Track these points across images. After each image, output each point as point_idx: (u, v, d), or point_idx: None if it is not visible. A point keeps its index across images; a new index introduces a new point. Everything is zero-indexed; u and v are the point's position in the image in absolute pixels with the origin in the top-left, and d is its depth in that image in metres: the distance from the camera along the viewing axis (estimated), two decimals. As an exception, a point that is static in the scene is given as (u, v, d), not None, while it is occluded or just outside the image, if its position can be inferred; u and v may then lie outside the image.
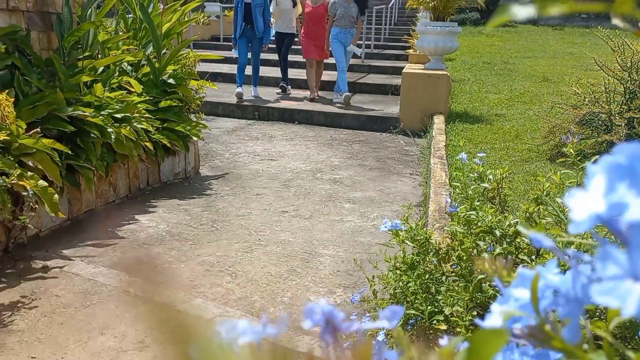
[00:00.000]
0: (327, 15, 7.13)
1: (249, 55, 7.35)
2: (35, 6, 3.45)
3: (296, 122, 6.73)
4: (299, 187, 4.19)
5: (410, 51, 9.53)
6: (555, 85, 7.95)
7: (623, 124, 3.99)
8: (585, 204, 0.20)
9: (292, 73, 8.38)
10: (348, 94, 7.11)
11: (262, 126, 6.55)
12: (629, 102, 4.21)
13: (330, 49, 7.21)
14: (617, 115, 4.10)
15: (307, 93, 7.74)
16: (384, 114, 6.63)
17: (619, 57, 4.26)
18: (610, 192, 0.19)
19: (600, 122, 4.19)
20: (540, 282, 0.31)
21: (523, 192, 3.47)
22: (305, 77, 7.86)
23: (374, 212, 3.69)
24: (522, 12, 0.31)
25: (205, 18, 13.64)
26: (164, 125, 3.95)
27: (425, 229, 1.66)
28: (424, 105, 6.16)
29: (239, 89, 7.29)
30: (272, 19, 7.54)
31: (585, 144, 4.26)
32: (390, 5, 14.75)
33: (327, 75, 8.14)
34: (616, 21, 0.34)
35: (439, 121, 5.70)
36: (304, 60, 7.56)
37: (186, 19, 4.61)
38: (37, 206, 2.72)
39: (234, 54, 7.41)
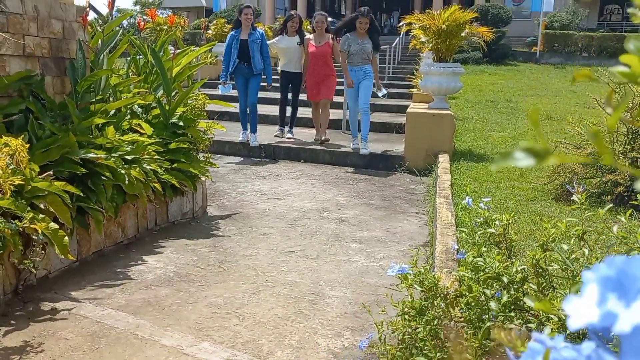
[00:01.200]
0: (333, 53, 7.01)
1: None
2: (50, 52, 3.56)
3: (302, 161, 6.80)
4: (305, 227, 4.21)
5: (414, 90, 9.68)
6: (558, 123, 8.03)
7: (627, 163, 4.02)
8: (581, 311, 0.23)
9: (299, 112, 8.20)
10: (366, 141, 6.59)
11: (269, 164, 6.62)
12: (631, 142, 4.25)
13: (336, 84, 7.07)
14: (620, 154, 4.14)
15: (312, 131, 7.69)
16: (389, 152, 6.70)
17: (620, 97, 4.32)
18: (602, 303, 0.22)
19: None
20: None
21: (529, 232, 3.48)
22: (310, 116, 7.80)
23: (380, 252, 3.70)
24: (524, 162, 0.35)
25: (213, 58, 13.94)
26: (173, 165, 4.01)
27: (433, 273, 1.68)
28: (428, 144, 6.23)
29: (243, 135, 7.00)
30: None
31: (590, 183, 4.28)
32: (393, 44, 15.05)
33: (333, 114, 8.17)
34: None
35: (443, 160, 5.75)
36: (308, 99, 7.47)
37: (196, 62, 4.73)
38: (47, 248, 2.75)
39: (219, 90, 6.84)
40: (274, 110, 8.89)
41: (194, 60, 4.61)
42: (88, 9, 4.04)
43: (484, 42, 6.60)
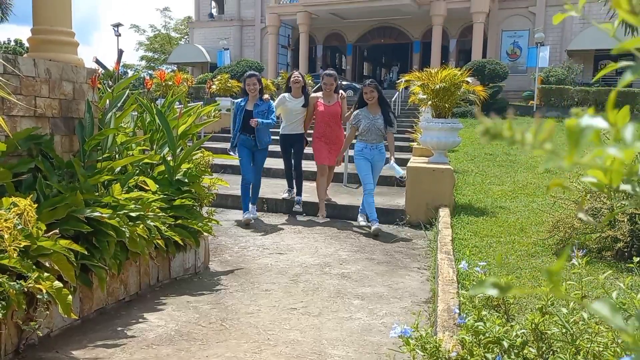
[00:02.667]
0: (341, 114, 6.57)
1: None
2: (60, 112, 3.68)
3: (304, 214, 6.84)
4: (307, 283, 4.21)
5: (414, 144, 9.83)
6: (557, 177, 8.11)
7: (626, 220, 4.06)
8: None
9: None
10: (378, 225, 5.82)
11: (271, 218, 6.66)
12: (630, 198, 4.30)
13: (342, 161, 6.66)
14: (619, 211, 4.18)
15: (312, 184, 7.37)
16: (390, 205, 6.75)
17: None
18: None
19: (603, 217, 4.26)
20: None
21: (530, 289, 3.48)
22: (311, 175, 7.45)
23: (383, 309, 3.69)
24: (494, 292, 0.40)
25: (217, 112, 14.23)
26: (177, 221, 4.06)
27: (435, 337, 1.69)
28: (429, 197, 6.29)
29: (246, 215, 6.26)
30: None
31: (589, 238, 4.31)
32: (393, 99, 15.39)
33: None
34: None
35: (444, 214, 5.79)
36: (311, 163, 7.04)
37: (200, 122, 4.86)
38: (50, 307, 2.76)
39: (232, 154, 6.27)
40: (274, 163, 8.95)
41: (199, 119, 4.73)
42: (99, 71, 4.20)
43: (479, 100, 6.77)
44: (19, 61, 3.36)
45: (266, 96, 6.33)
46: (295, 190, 6.94)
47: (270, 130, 6.50)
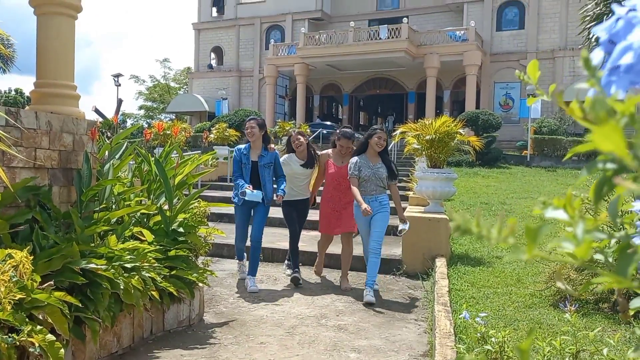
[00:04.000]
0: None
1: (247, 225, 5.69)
2: (59, 163, 3.73)
3: (300, 264, 6.80)
4: (303, 335, 4.15)
5: (410, 193, 9.90)
6: (552, 226, 8.14)
7: (622, 271, 4.06)
8: None
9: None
10: (372, 296, 5.08)
11: (267, 268, 6.61)
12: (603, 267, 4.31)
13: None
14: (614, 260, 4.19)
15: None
16: (386, 255, 6.72)
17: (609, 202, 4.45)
18: None
19: (599, 267, 4.26)
20: None
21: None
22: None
23: (379, 362, 3.62)
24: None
25: (214, 161, 14.33)
26: (172, 272, 4.04)
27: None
28: (425, 247, 6.28)
29: (241, 271, 5.87)
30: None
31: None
32: (389, 148, 15.57)
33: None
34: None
35: (440, 264, 5.77)
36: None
37: (198, 171, 4.91)
38: (41, 361, 2.71)
39: (245, 197, 5.33)
40: (273, 211, 8.94)
41: (196, 170, 4.79)
42: (98, 122, 4.28)
43: (473, 150, 6.88)
44: (21, 114, 3.43)
45: (272, 146, 5.63)
46: (298, 268, 5.91)
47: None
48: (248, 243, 5.71)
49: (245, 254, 5.94)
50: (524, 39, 27.52)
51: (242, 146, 5.60)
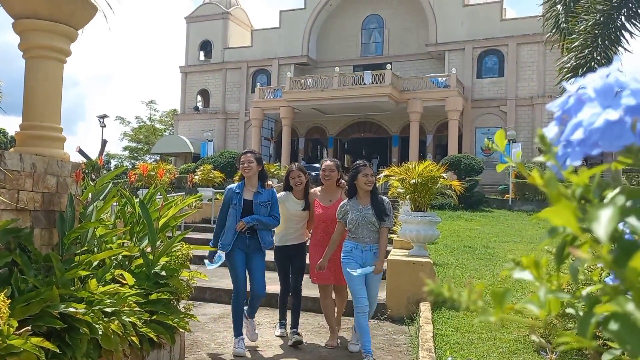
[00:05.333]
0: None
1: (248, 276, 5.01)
2: (42, 205, 3.70)
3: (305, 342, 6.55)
4: (285, 382, 4.07)
5: (394, 236, 9.92)
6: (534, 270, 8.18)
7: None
8: None
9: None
10: (369, 355, 4.48)
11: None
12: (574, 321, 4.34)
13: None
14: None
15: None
16: (370, 300, 6.68)
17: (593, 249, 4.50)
18: None
19: (572, 322, 4.28)
20: None
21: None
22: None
23: (363, 410, 3.56)
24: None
25: (199, 203, 14.28)
26: (153, 317, 3.96)
27: None
28: (409, 291, 6.26)
29: (239, 345, 4.78)
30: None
31: (568, 334, 4.29)
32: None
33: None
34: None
35: (425, 308, 5.75)
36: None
37: (182, 213, 4.90)
38: (14, 410, 2.62)
39: (207, 266, 5.08)
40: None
41: (180, 212, 4.78)
42: (82, 164, 4.28)
43: (456, 195, 6.97)
44: (5, 156, 3.43)
45: (270, 182, 5.09)
46: (290, 322, 5.30)
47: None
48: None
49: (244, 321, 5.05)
50: (503, 86, 28.31)
51: (234, 185, 5.01)
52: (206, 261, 4.99)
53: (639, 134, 0.52)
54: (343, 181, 5.13)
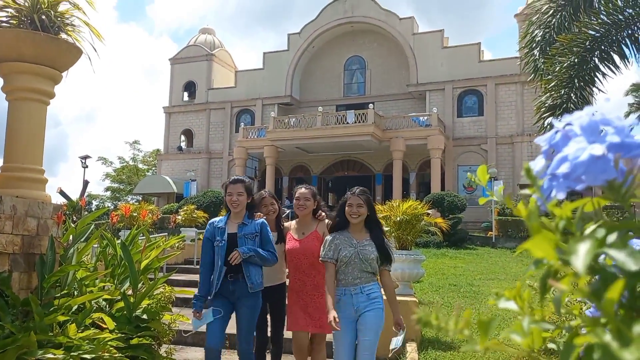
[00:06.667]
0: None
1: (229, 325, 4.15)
2: (21, 248, 3.64)
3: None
4: None
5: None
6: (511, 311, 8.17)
7: (589, 353, 4.08)
8: None
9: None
10: None
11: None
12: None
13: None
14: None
15: None
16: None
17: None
18: None
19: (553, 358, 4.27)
20: None
21: None
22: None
23: None
24: None
25: (182, 243, 14.10)
26: (133, 362, 3.86)
27: None
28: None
29: None
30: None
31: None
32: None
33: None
34: None
35: (411, 349, 5.68)
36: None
37: (165, 255, 4.84)
38: None
39: (192, 327, 4.13)
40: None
41: (162, 253, 4.72)
42: (64, 206, 4.23)
43: (440, 232, 7.02)
44: (-15, 198, 3.38)
45: (259, 213, 4.33)
46: None
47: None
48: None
49: None
50: (483, 125, 28.88)
51: (217, 219, 4.24)
52: (192, 319, 4.05)
53: (621, 171, 0.55)
54: (323, 213, 4.39)
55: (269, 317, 4.64)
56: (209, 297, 4.02)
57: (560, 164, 0.59)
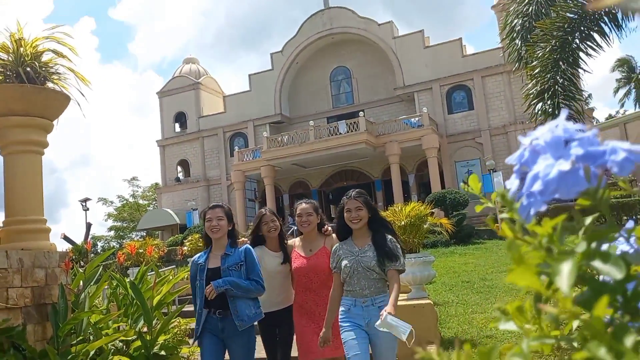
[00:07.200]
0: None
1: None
2: (32, 300, 3.64)
3: None
4: None
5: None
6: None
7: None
8: None
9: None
10: None
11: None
12: None
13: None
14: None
15: None
16: (376, 350, 6.55)
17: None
18: None
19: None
20: None
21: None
22: None
23: None
24: None
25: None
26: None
27: None
28: (416, 335, 6.16)
29: None
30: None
31: None
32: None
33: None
34: None
35: (433, 351, 5.65)
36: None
37: (175, 289, 4.84)
38: None
39: None
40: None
41: (173, 287, 4.72)
42: (70, 252, 4.24)
43: (446, 232, 7.01)
44: (-9, 254, 3.39)
45: (242, 239, 4.04)
46: None
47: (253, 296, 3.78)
48: None
49: None
50: (475, 118, 28.97)
51: (197, 255, 3.96)
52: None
53: (594, 176, 0.56)
54: (329, 227, 4.08)
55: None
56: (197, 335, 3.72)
57: (534, 182, 0.59)
